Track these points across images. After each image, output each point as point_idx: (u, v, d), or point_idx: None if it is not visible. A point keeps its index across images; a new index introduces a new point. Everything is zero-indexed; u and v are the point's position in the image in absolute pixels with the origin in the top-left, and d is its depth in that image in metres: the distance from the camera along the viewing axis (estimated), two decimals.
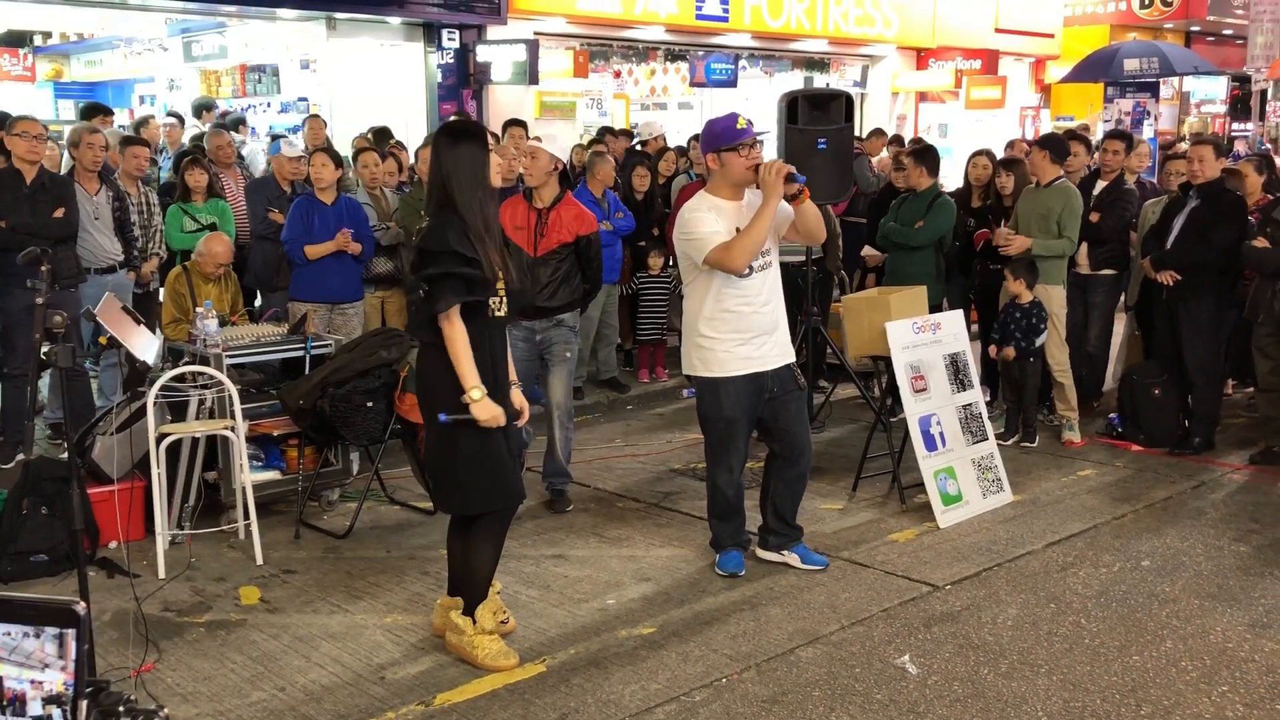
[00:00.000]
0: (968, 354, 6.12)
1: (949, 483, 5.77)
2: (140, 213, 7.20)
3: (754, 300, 4.76)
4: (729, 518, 5.06)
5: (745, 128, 4.67)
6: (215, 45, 14.48)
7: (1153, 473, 6.56)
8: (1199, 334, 6.72)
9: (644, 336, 8.76)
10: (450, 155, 3.98)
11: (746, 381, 4.80)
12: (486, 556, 4.17)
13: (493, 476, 4.04)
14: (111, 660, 4.13)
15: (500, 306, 4.06)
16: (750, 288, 4.74)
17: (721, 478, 4.98)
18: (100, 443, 5.35)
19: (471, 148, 4.01)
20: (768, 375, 4.84)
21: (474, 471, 4.03)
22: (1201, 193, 6.68)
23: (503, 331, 4.16)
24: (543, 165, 5.62)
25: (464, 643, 4.15)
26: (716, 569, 5.02)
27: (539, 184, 5.65)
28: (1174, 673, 4.11)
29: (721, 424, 4.88)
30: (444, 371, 3.95)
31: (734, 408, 4.83)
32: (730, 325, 4.76)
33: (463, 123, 4.32)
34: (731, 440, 4.90)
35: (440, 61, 13.01)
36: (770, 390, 4.86)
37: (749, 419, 4.90)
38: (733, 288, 4.72)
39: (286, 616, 4.60)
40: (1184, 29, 22.49)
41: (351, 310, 6.86)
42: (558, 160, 5.68)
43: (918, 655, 4.23)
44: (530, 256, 5.58)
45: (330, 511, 5.87)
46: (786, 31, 16.02)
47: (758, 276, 4.75)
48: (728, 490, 4.99)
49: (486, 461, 4.02)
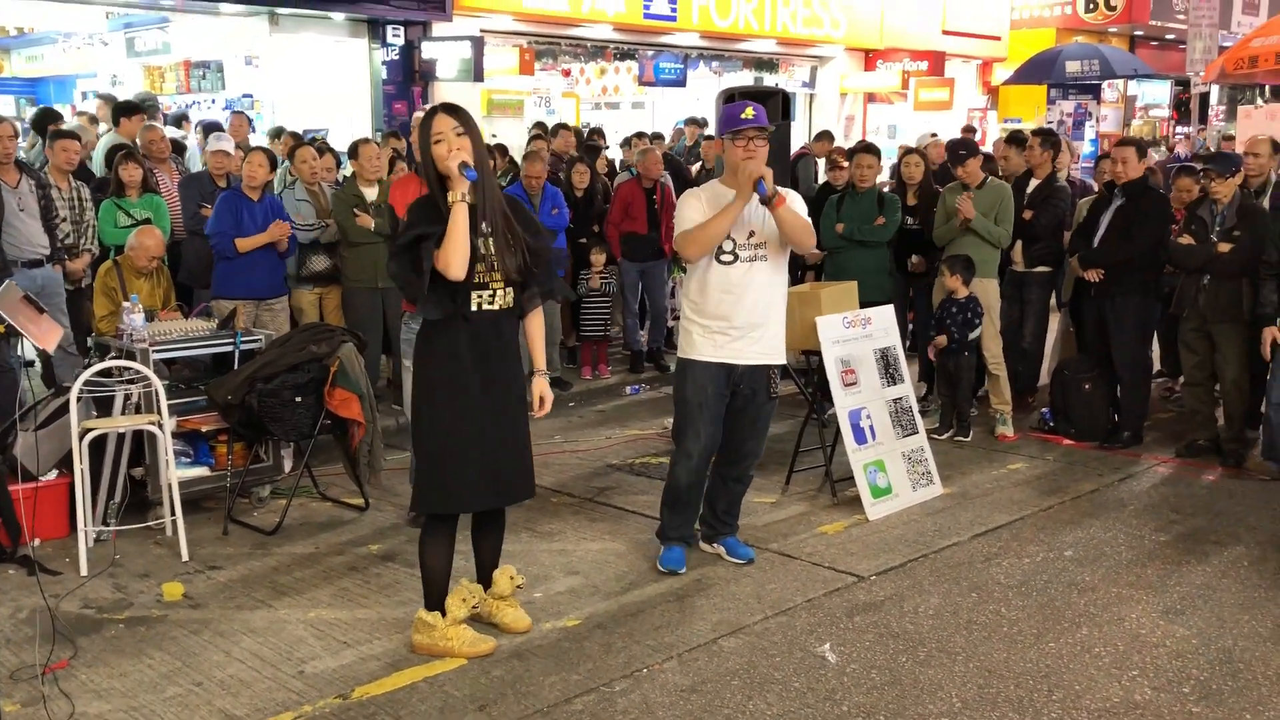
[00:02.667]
0: (898, 348, 6.18)
1: (879, 475, 5.83)
2: (72, 208, 7.10)
3: (735, 290, 4.72)
4: (677, 508, 5.01)
5: (749, 118, 4.63)
6: (158, 41, 14.33)
7: (1081, 466, 6.67)
8: (1126, 330, 6.84)
9: (587, 333, 8.77)
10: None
11: (715, 369, 4.77)
12: (432, 554, 4.13)
13: (442, 479, 3.97)
14: (24, 658, 4.08)
15: (492, 299, 3.94)
16: (733, 276, 4.72)
17: (679, 462, 4.93)
18: (22, 439, 5.27)
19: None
20: (739, 370, 4.79)
21: (430, 470, 4.00)
22: (1125, 191, 6.80)
23: (498, 326, 4.00)
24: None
25: (435, 638, 4.11)
26: (657, 564, 4.99)
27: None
28: (1087, 659, 4.19)
29: (684, 405, 4.87)
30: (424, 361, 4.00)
31: (696, 392, 4.80)
32: (709, 311, 4.76)
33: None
34: (690, 424, 4.84)
35: (385, 58, 12.96)
36: (738, 387, 4.82)
37: (712, 408, 4.82)
38: (716, 274, 4.73)
39: (209, 612, 4.56)
40: (1128, 33, 22.87)
41: (279, 305, 6.82)
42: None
43: (838, 644, 4.27)
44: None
45: (260, 508, 5.83)
46: (735, 31, 16.12)
47: (742, 266, 4.72)
48: (681, 476, 4.93)
49: (439, 463, 3.97)
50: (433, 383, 4.00)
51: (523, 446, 4.15)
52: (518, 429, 4.10)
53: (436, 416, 3.99)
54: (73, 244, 7.05)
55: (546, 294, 4.16)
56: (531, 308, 4.13)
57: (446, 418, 3.97)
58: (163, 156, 8.07)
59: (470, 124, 3.95)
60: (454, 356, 3.94)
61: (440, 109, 3.97)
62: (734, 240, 4.70)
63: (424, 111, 4.37)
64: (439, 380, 3.98)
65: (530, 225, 4.09)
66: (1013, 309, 7.56)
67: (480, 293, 3.93)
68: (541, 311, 4.21)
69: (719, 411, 4.85)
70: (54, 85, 17.17)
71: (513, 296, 4.01)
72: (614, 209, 8.67)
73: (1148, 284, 6.87)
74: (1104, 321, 6.96)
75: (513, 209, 4.05)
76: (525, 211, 4.15)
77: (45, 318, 5.11)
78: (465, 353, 3.94)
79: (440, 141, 3.87)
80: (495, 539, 4.37)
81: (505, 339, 4.03)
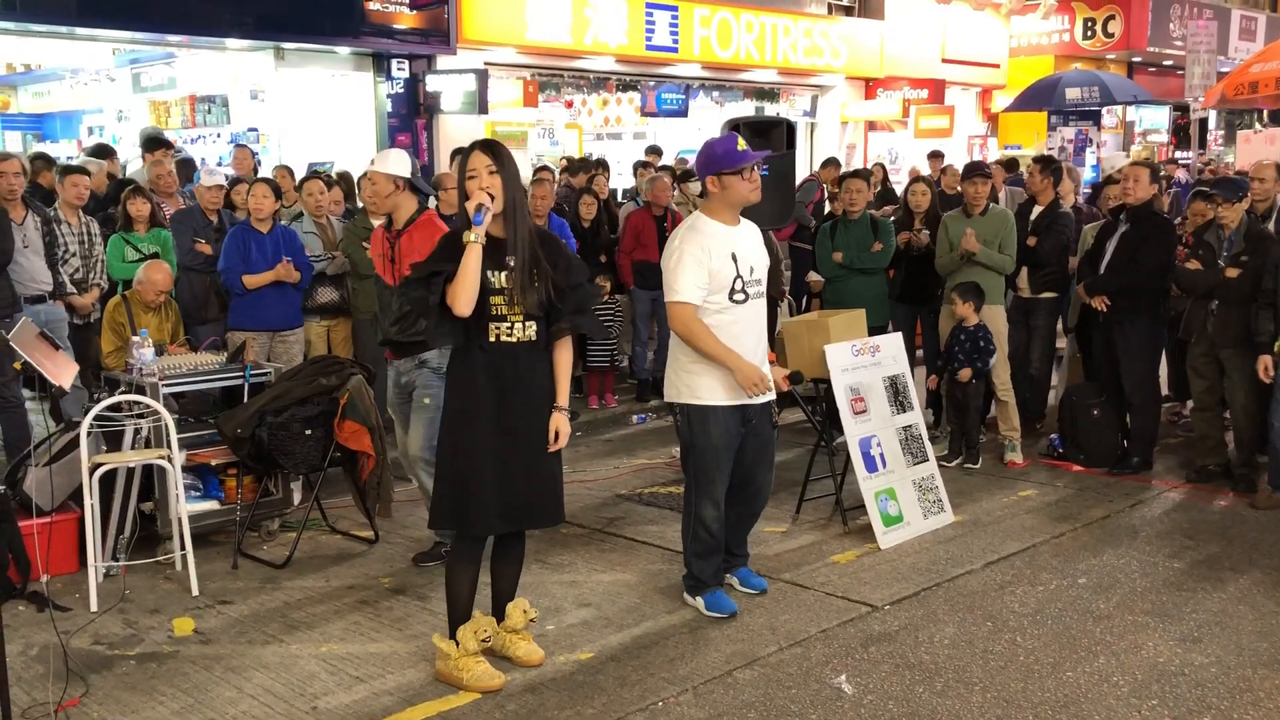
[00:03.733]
0: (907, 376, 6.18)
1: (890, 504, 5.81)
2: (81, 242, 7.13)
3: (745, 327, 4.63)
4: (710, 556, 4.83)
5: (746, 150, 4.58)
6: (164, 76, 14.41)
7: (1092, 492, 6.65)
8: (1134, 355, 6.84)
9: (594, 363, 8.77)
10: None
11: (731, 413, 4.67)
12: (455, 578, 4.19)
13: (455, 498, 4.06)
14: (36, 696, 4.05)
15: (510, 331, 4.01)
16: (744, 314, 4.62)
17: (707, 511, 4.74)
18: (32, 474, 5.27)
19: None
20: (751, 409, 4.72)
21: (446, 489, 4.10)
22: (1131, 216, 6.82)
23: (516, 359, 4.03)
24: (381, 190, 5.21)
25: (450, 667, 4.12)
26: (706, 611, 4.79)
27: (385, 209, 5.26)
28: (1106, 688, 4.15)
29: (710, 453, 4.67)
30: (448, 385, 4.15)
31: (722, 436, 4.66)
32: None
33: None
34: (719, 470, 4.70)
35: (390, 91, 13.04)
36: (749, 424, 4.75)
37: (732, 451, 4.72)
38: (731, 316, 4.59)
39: (220, 648, 4.53)
40: (1126, 59, 23.00)
41: (292, 337, 6.83)
42: (397, 178, 5.19)
43: (854, 675, 4.24)
44: (389, 287, 5.12)
45: (270, 541, 5.81)
46: (736, 62, 16.22)
47: (752, 304, 4.64)
48: (712, 526, 4.75)
49: (454, 482, 4.06)
50: (453, 407, 4.11)
51: (548, 473, 4.16)
52: (538, 458, 4.11)
53: (455, 439, 4.09)
54: (82, 279, 7.07)
55: (575, 328, 4.18)
56: (558, 339, 4.16)
57: (463, 440, 4.07)
58: (170, 191, 8.11)
59: (505, 160, 4.02)
60: (472, 384, 4.04)
61: (477, 146, 4.07)
62: (743, 278, 4.61)
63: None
64: (458, 406, 4.09)
65: (564, 262, 4.14)
66: (1019, 334, 7.57)
67: (499, 325, 4.01)
68: (569, 345, 4.21)
69: (734, 453, 4.75)
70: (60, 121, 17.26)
71: (535, 330, 4.06)
72: (625, 238, 8.71)
73: (1155, 308, 6.87)
74: (1112, 346, 6.95)
75: (546, 245, 4.11)
76: (560, 248, 4.20)
77: (60, 354, 5.11)
78: (482, 381, 4.02)
79: (473, 178, 3.98)
80: (514, 569, 4.38)
81: (524, 371, 4.06)
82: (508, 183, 3.98)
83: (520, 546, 4.36)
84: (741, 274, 4.60)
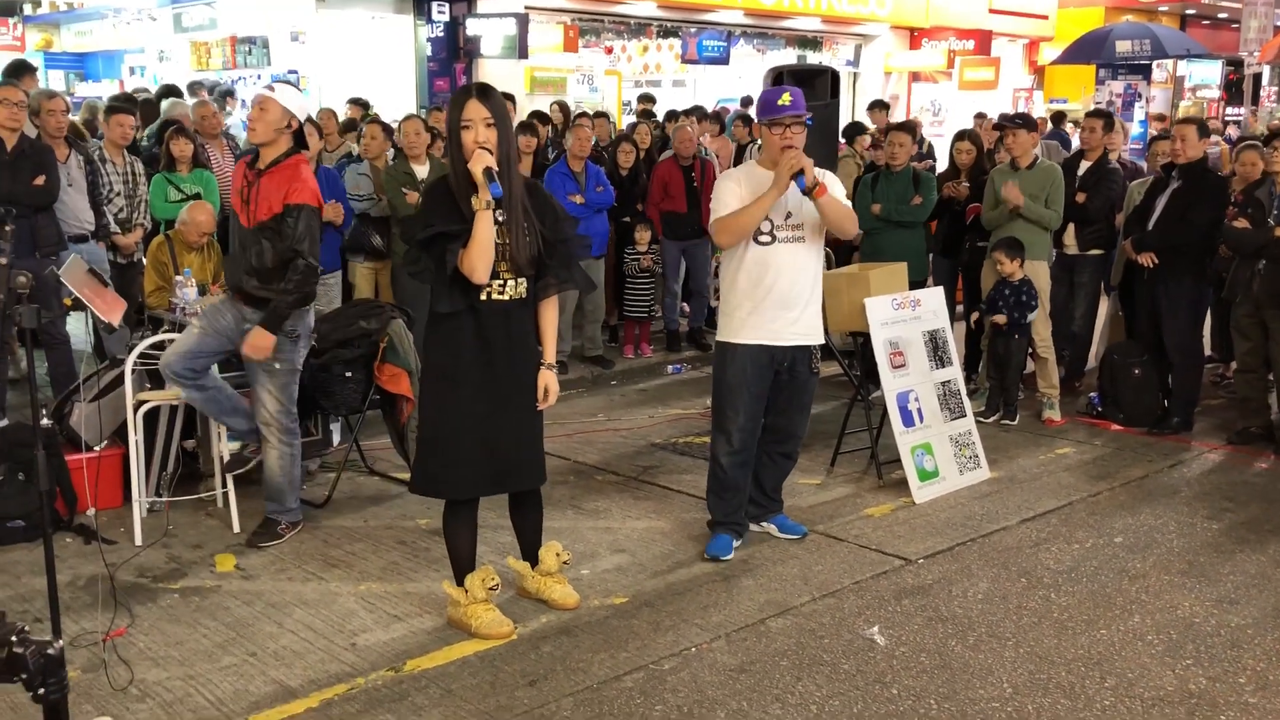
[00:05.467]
0: (947, 331, 6.13)
1: (926, 458, 5.79)
2: (125, 182, 7.18)
3: (774, 270, 4.70)
4: (723, 494, 4.95)
5: (785, 105, 4.59)
6: (205, 16, 14.43)
7: (1131, 451, 6.60)
8: (1178, 314, 6.74)
9: (631, 312, 8.76)
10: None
11: (756, 351, 4.75)
12: (453, 534, 4.19)
13: (439, 465, 4.01)
14: (84, 625, 4.15)
15: (503, 289, 3.91)
16: (770, 257, 4.70)
17: (719, 446, 4.89)
18: (78, 409, 5.35)
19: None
20: (779, 350, 4.77)
21: (426, 454, 4.05)
22: (1183, 173, 6.69)
23: (508, 317, 3.96)
24: (271, 119, 4.71)
25: (460, 614, 4.16)
26: (704, 552, 4.93)
27: (264, 140, 4.76)
28: (1140, 646, 4.15)
29: (724, 388, 4.84)
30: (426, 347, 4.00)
31: (738, 374, 4.78)
32: (747, 292, 4.74)
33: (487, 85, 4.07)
34: (731, 406, 4.82)
35: (429, 35, 12.99)
36: (780, 366, 4.82)
37: (753, 391, 4.80)
38: (754, 255, 4.71)
39: (261, 584, 4.62)
40: (1179, 12, 22.46)
41: (332, 280, 6.87)
42: (292, 116, 4.77)
43: (887, 627, 4.26)
44: (245, 229, 4.81)
45: (309, 481, 5.88)
46: (779, 9, 15.99)
47: (781, 247, 4.70)
48: (723, 460, 4.89)
49: (434, 447, 4.01)
50: (436, 369, 4.01)
51: (532, 436, 4.12)
52: (524, 418, 4.07)
53: (436, 402, 4.01)
54: (126, 218, 7.13)
55: (563, 284, 4.11)
56: (545, 297, 4.09)
57: (446, 405, 3.98)
58: (214, 132, 8.13)
59: (502, 113, 3.87)
60: (459, 346, 3.93)
61: (474, 92, 3.87)
62: (772, 222, 4.68)
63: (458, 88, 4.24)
64: (441, 368, 3.99)
65: (550, 215, 4.03)
66: (1061, 291, 7.48)
67: (491, 283, 3.89)
68: (555, 302, 4.16)
69: (760, 393, 4.83)
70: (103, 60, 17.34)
71: (525, 287, 3.97)
72: (653, 189, 8.65)
73: (1200, 268, 6.76)
74: (1156, 305, 6.86)
75: (533, 197, 4.01)
76: (547, 200, 4.10)
77: (109, 291, 5.18)
78: (471, 342, 3.93)
79: (468, 129, 3.82)
80: (534, 519, 4.39)
81: (514, 329, 3.98)
82: (504, 137, 3.84)
83: (537, 496, 4.35)
84: (770, 217, 4.66)
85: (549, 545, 4.40)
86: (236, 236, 4.83)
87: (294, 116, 4.78)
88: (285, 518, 5.08)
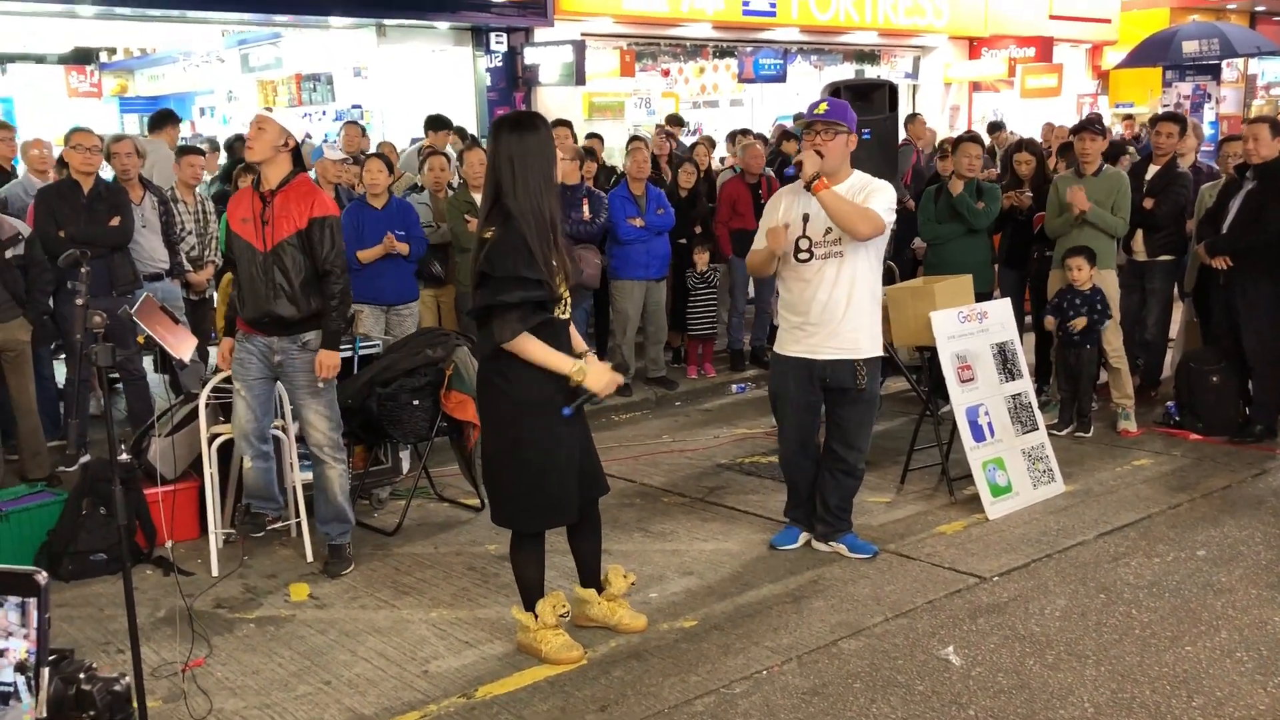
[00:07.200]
0: (1016, 343, 6.03)
1: (998, 473, 5.69)
2: (197, 220, 7.37)
3: (813, 285, 4.80)
4: (788, 486, 5.28)
5: (819, 112, 4.75)
6: (271, 56, 14.79)
7: (1211, 461, 6.41)
8: (1257, 318, 6.55)
9: (694, 332, 8.74)
10: (517, 146, 3.81)
11: (797, 364, 4.90)
12: (524, 563, 4.18)
13: (549, 496, 3.99)
14: (164, 655, 4.23)
15: (565, 309, 3.98)
16: (807, 273, 4.81)
17: (780, 448, 5.26)
18: (155, 444, 5.48)
19: (538, 139, 3.85)
20: (818, 364, 4.86)
21: (530, 488, 3.98)
22: (1258, 173, 6.52)
23: (566, 331, 4.05)
24: (270, 138, 4.76)
25: (530, 639, 4.17)
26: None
27: (262, 158, 4.80)
28: (1229, 664, 4.02)
29: (771, 397, 5.14)
30: (522, 380, 3.89)
31: (780, 385, 5.02)
32: (787, 305, 4.95)
33: (526, 113, 4.09)
34: (777, 414, 5.12)
35: (489, 65, 13.16)
36: (824, 381, 4.88)
37: (797, 401, 4.97)
38: (792, 271, 4.85)
39: (334, 612, 4.68)
40: (1248, 9, 21.95)
41: (406, 311, 6.97)
42: (289, 135, 4.85)
43: (962, 647, 4.18)
44: (260, 253, 4.80)
45: (380, 509, 5.95)
46: (835, 25, 15.94)
47: (817, 264, 4.78)
48: (781, 455, 5.26)
49: (545, 480, 3.97)
50: (538, 404, 3.92)
51: (591, 443, 4.25)
52: (586, 427, 4.22)
53: (549, 434, 3.94)
54: (198, 256, 7.31)
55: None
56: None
57: (550, 434, 3.95)
58: None
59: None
60: (554, 375, 3.90)
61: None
62: (810, 239, 4.77)
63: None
64: (538, 397, 3.92)
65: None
66: (1132, 299, 7.32)
67: (559, 305, 3.96)
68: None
69: (805, 405, 4.99)
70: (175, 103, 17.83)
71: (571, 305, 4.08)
72: (721, 207, 8.66)
73: (1278, 269, 6.56)
74: (1232, 310, 6.68)
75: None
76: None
77: (180, 328, 5.30)
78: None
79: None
80: (595, 539, 4.38)
81: (566, 346, 4.04)
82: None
83: (596, 518, 4.32)
84: (809, 234, 4.76)
85: (614, 567, 4.40)
86: (248, 267, 4.85)
87: (290, 135, 4.89)
88: (343, 535, 5.12)
